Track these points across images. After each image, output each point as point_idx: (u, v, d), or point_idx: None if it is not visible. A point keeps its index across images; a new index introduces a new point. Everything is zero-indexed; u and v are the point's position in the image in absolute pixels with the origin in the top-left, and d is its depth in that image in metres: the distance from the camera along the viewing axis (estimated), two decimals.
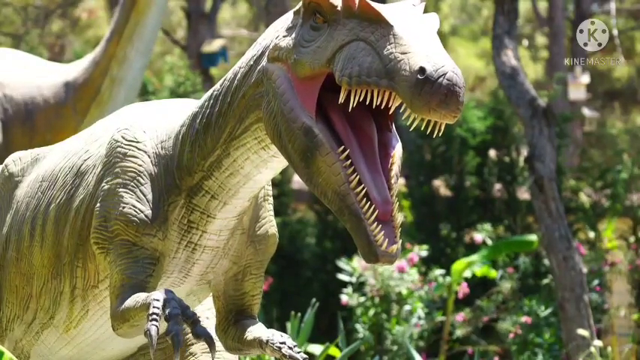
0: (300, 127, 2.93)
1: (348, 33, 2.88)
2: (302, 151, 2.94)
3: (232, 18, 29.74)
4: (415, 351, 8.84)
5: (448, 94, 2.70)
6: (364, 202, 2.88)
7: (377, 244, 2.86)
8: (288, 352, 3.20)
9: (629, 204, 12.47)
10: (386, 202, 2.91)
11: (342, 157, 2.90)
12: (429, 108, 2.71)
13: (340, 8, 2.92)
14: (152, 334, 2.99)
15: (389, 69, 2.77)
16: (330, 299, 11.43)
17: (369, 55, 2.82)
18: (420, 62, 2.72)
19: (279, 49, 3.03)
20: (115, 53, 7.66)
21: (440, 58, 2.74)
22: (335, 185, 2.90)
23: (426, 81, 2.70)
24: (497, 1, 9.56)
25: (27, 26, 24.57)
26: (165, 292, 3.07)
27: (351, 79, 2.82)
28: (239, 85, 3.15)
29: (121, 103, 7.61)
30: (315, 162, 2.92)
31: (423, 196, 12.88)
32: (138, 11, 7.59)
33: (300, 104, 2.95)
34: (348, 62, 2.84)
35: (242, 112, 3.13)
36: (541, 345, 10.17)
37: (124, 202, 3.27)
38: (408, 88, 2.72)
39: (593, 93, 25.68)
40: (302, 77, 2.96)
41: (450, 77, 2.71)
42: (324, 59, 2.90)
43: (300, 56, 2.96)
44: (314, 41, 2.96)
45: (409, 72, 2.72)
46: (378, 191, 2.91)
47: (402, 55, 2.76)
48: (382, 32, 2.82)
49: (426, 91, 2.70)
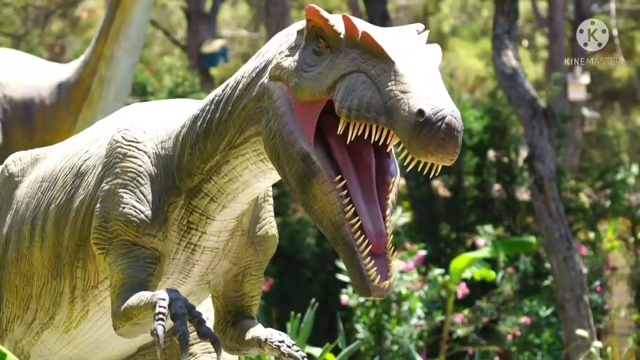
0: (298, 152, 2.92)
1: (350, 63, 2.86)
2: (299, 176, 2.93)
3: (232, 18, 29.73)
4: (415, 351, 8.85)
5: (446, 139, 2.68)
6: (358, 234, 2.87)
7: (369, 278, 2.86)
8: (287, 351, 3.20)
9: (628, 205, 12.48)
10: (380, 234, 2.90)
11: (338, 187, 2.89)
12: (426, 151, 2.69)
13: (343, 36, 2.90)
14: (159, 334, 2.98)
15: (388, 106, 2.74)
16: (329, 299, 11.43)
17: (369, 89, 2.79)
18: (419, 104, 2.70)
19: (281, 68, 3.01)
20: (103, 53, 7.64)
21: (439, 100, 2.71)
22: (330, 214, 2.89)
23: (424, 124, 2.67)
24: (498, 2, 9.56)
25: (27, 26, 24.57)
26: (171, 292, 3.07)
27: (350, 112, 2.80)
28: (240, 95, 3.14)
29: (112, 102, 7.60)
30: (312, 189, 2.91)
31: (423, 196, 12.88)
32: (123, 9, 7.56)
33: (300, 128, 2.94)
34: (348, 94, 2.82)
35: (242, 123, 3.12)
36: (541, 345, 10.18)
37: (124, 202, 3.27)
38: (406, 130, 2.70)
39: (593, 93, 25.68)
40: (302, 101, 2.95)
41: (448, 121, 2.68)
42: (325, 87, 2.89)
43: (301, 80, 2.94)
44: (316, 66, 2.94)
45: (408, 113, 2.70)
46: (373, 223, 2.90)
47: (402, 94, 2.73)
48: (383, 67, 2.80)
49: (424, 135, 2.68)
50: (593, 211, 12.57)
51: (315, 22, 2.95)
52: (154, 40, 26.92)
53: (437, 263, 11.21)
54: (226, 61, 20.31)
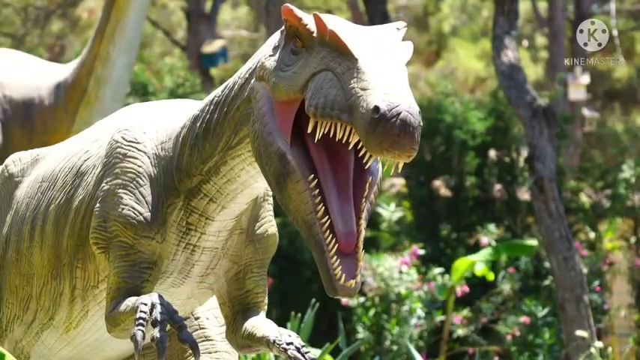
0: (275, 151, 2.93)
1: (320, 62, 2.86)
2: (276, 175, 2.94)
3: (232, 19, 29.73)
4: (415, 351, 8.85)
5: (401, 135, 2.66)
6: (327, 233, 2.87)
7: (335, 277, 2.87)
8: (294, 355, 3.18)
9: (631, 204, 12.47)
10: (350, 234, 2.89)
11: (311, 186, 2.89)
12: (381, 148, 2.68)
13: (316, 35, 2.91)
14: (137, 339, 3.00)
15: (349, 104, 2.74)
16: (330, 299, 11.40)
17: (334, 87, 2.80)
18: (375, 101, 2.68)
19: (264, 68, 3.03)
20: (99, 53, 7.63)
21: (396, 96, 2.69)
22: (303, 214, 2.90)
23: (379, 121, 2.66)
24: (498, 2, 9.57)
25: (27, 27, 24.57)
26: (153, 297, 3.08)
27: (316, 110, 2.81)
28: (235, 96, 3.15)
29: (109, 102, 7.60)
30: (287, 188, 2.92)
31: (423, 196, 12.88)
32: (118, 9, 7.55)
33: (278, 128, 2.94)
34: (316, 92, 2.82)
35: (237, 124, 3.13)
36: (541, 345, 10.18)
37: (123, 203, 3.27)
38: (363, 126, 2.69)
39: (593, 93, 25.68)
40: (280, 101, 2.95)
41: (403, 117, 2.67)
42: (298, 86, 2.89)
43: (278, 80, 2.95)
44: (292, 66, 2.94)
45: (365, 110, 2.69)
46: (344, 223, 2.89)
47: (362, 91, 2.73)
48: (348, 65, 2.80)
49: (379, 131, 2.67)
50: (594, 211, 12.56)
51: (290, 21, 2.96)
52: (154, 41, 26.91)
53: (437, 263, 11.21)
54: (226, 62, 20.31)
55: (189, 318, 3.74)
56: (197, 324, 3.75)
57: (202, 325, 3.75)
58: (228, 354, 3.71)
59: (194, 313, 3.75)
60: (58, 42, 26.04)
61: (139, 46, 7.95)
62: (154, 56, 23.08)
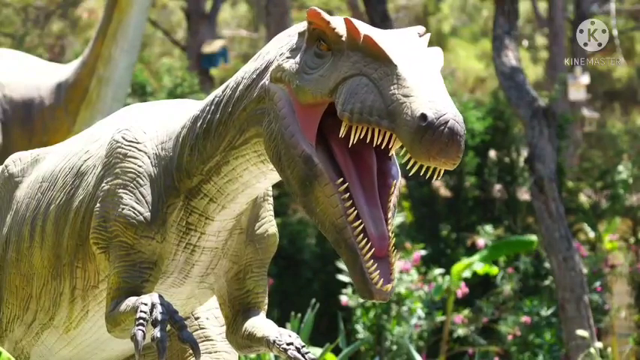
0: (300, 154, 2.92)
1: (352, 66, 2.86)
2: (301, 178, 2.93)
3: (232, 18, 29.73)
4: (415, 351, 8.85)
5: (449, 143, 2.69)
6: (361, 237, 2.87)
7: (372, 282, 2.86)
8: (294, 355, 3.17)
9: (630, 205, 12.47)
10: (383, 237, 2.90)
11: (340, 189, 2.89)
12: (428, 156, 2.70)
13: (345, 39, 2.90)
14: (138, 339, 3.00)
15: (390, 110, 2.74)
16: (330, 300, 11.42)
17: (371, 92, 2.79)
18: (421, 108, 2.70)
19: (282, 70, 3.01)
20: (101, 53, 7.64)
21: (442, 104, 2.72)
22: (332, 217, 2.89)
23: (427, 128, 2.68)
24: (498, 2, 9.57)
25: (27, 27, 24.57)
26: (154, 297, 3.08)
27: (352, 116, 2.80)
28: (240, 96, 3.13)
29: (110, 102, 7.61)
30: (314, 191, 2.91)
31: (423, 196, 12.88)
32: (120, 10, 7.56)
33: (301, 130, 2.94)
34: (350, 97, 2.82)
35: (242, 124, 3.12)
36: (541, 345, 10.18)
37: (123, 203, 3.27)
38: (408, 134, 2.70)
39: (593, 93, 25.68)
40: (304, 104, 2.95)
41: (451, 125, 2.69)
42: (327, 89, 2.88)
43: (302, 83, 2.94)
44: (317, 69, 2.94)
45: (411, 117, 2.70)
46: (375, 226, 2.90)
47: (405, 97, 2.73)
48: (385, 71, 2.80)
49: (426, 139, 2.68)
50: (593, 211, 12.57)
51: (316, 24, 2.95)
52: (153, 41, 26.92)
53: (437, 263, 11.21)
54: (226, 62, 20.31)
55: (190, 318, 3.74)
56: (197, 324, 3.75)
57: (202, 325, 3.75)
58: (228, 354, 3.71)
59: (194, 313, 3.75)
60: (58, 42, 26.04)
61: (140, 47, 7.96)
62: (153, 56, 23.08)
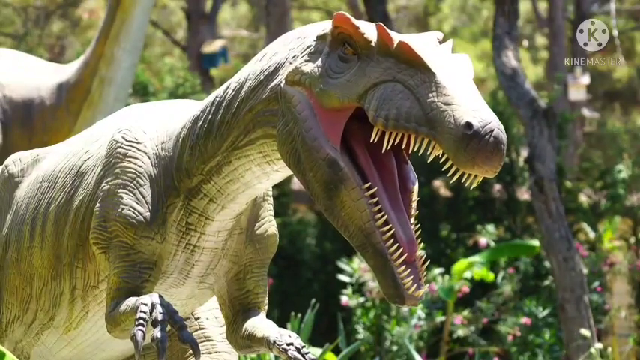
0: (324, 158, 2.90)
1: (383, 72, 2.84)
2: (325, 182, 2.91)
3: (232, 18, 29.74)
4: (415, 351, 8.85)
5: (494, 152, 2.71)
6: (391, 242, 2.86)
7: (404, 287, 2.85)
8: (294, 355, 3.17)
9: (630, 204, 12.47)
10: (411, 242, 2.90)
11: (367, 194, 2.87)
12: (473, 164, 2.71)
13: (375, 44, 2.88)
14: (138, 339, 3.00)
15: (430, 117, 2.74)
16: (330, 300, 11.43)
17: (407, 99, 2.78)
18: (466, 117, 2.70)
19: (302, 73, 2.99)
20: (103, 53, 7.64)
21: (486, 113, 2.72)
22: (360, 222, 2.87)
23: (473, 137, 2.68)
24: (498, 2, 9.57)
25: (27, 27, 24.57)
26: (154, 297, 3.08)
27: (387, 122, 2.79)
28: (245, 97, 3.12)
29: (112, 103, 7.60)
30: (340, 196, 2.89)
31: (423, 196, 12.87)
32: (123, 10, 7.56)
33: (324, 134, 2.92)
34: (383, 103, 2.80)
35: (248, 125, 3.10)
36: (541, 346, 10.18)
37: (123, 203, 3.27)
38: (452, 142, 2.70)
39: (593, 93, 25.69)
40: (328, 108, 2.93)
41: (496, 135, 2.70)
42: (355, 94, 2.86)
43: (327, 87, 2.92)
44: (343, 73, 2.92)
45: (454, 125, 2.70)
46: (403, 231, 2.90)
47: (446, 105, 2.73)
48: (422, 78, 2.79)
49: (472, 147, 2.69)
50: (593, 211, 12.56)
51: (343, 29, 2.93)
52: (154, 41, 26.93)
53: (437, 263, 11.21)
54: (226, 62, 20.31)
55: (190, 318, 3.74)
56: (197, 324, 3.75)
57: (202, 325, 3.75)
58: (228, 354, 3.71)
59: (194, 313, 3.75)
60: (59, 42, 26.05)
61: (142, 47, 7.96)
62: (154, 56, 23.08)
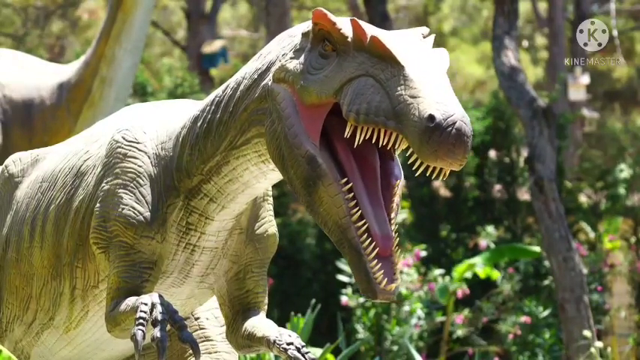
0: (303, 154, 2.93)
1: (358, 67, 2.86)
2: (304, 178, 2.93)
3: (232, 18, 29.75)
4: (416, 351, 8.85)
5: (456, 144, 2.70)
6: (365, 237, 2.88)
7: (376, 281, 2.86)
8: (294, 355, 3.18)
9: (630, 204, 12.47)
10: (387, 237, 2.91)
11: (344, 189, 2.89)
12: (436, 156, 2.71)
13: (350, 40, 2.90)
14: (138, 339, 3.00)
15: (397, 111, 2.75)
16: (330, 300, 11.43)
17: (378, 93, 2.80)
18: (429, 109, 2.70)
19: (286, 70, 3.01)
20: (104, 53, 7.63)
21: (450, 106, 2.72)
22: (336, 217, 2.89)
23: (434, 129, 2.68)
24: (498, 2, 9.57)
25: (27, 27, 24.58)
26: (154, 297, 3.08)
27: (358, 116, 2.81)
28: (241, 96, 3.13)
29: (113, 103, 7.60)
30: (317, 191, 2.92)
31: (423, 196, 12.88)
32: (124, 10, 7.56)
33: (305, 131, 2.94)
34: (356, 97, 2.82)
35: (243, 124, 3.12)
36: (541, 346, 10.18)
37: (123, 203, 3.27)
38: (416, 134, 2.71)
39: (593, 94, 25.69)
40: (308, 104, 2.95)
41: (459, 126, 2.70)
42: (332, 90, 2.89)
43: (307, 83, 2.94)
44: (322, 69, 2.94)
45: (418, 118, 2.71)
46: (379, 226, 2.91)
47: (412, 98, 2.74)
48: (392, 72, 2.80)
49: (434, 140, 2.69)
50: (593, 211, 12.57)
51: (322, 25, 2.95)
52: (154, 41, 26.94)
53: (437, 264, 11.21)
54: (226, 62, 20.31)
55: (190, 318, 3.74)
56: (197, 324, 3.75)
57: (202, 325, 3.75)
58: (228, 354, 3.71)
59: (194, 313, 3.75)
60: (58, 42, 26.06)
61: (143, 47, 7.96)
62: (153, 56, 23.09)
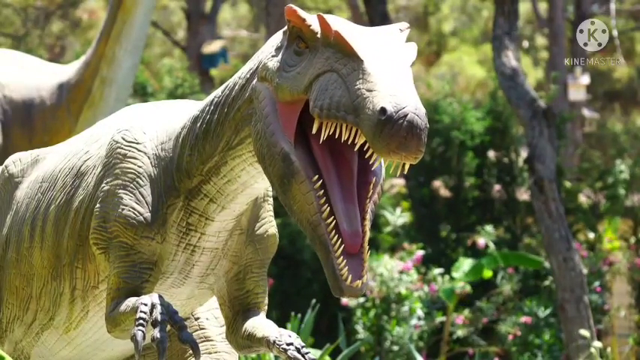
0: (279, 152, 2.93)
1: (324, 62, 2.87)
2: (280, 176, 2.94)
3: (232, 19, 29.75)
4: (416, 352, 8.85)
5: (408, 137, 2.67)
6: (333, 233, 2.87)
7: (342, 278, 2.86)
8: (294, 355, 3.18)
9: (630, 204, 12.47)
10: (355, 234, 2.90)
11: (316, 186, 2.89)
12: (388, 150, 2.69)
13: (320, 36, 2.90)
14: (138, 340, 3.00)
15: (355, 105, 2.74)
16: (330, 300, 11.42)
17: (339, 88, 2.80)
18: (381, 102, 2.69)
19: (267, 69, 3.03)
20: (104, 53, 7.64)
21: (403, 98, 2.70)
22: (307, 214, 2.90)
23: (386, 122, 2.67)
24: (498, 2, 9.57)
25: (27, 27, 24.58)
26: (154, 297, 3.08)
27: (322, 112, 2.81)
28: (235, 97, 3.15)
29: (113, 103, 7.60)
30: (291, 189, 2.92)
31: (423, 197, 12.89)
32: (124, 10, 7.56)
33: (281, 128, 2.95)
34: (320, 93, 2.82)
35: (237, 124, 3.13)
36: (541, 346, 10.18)
37: (123, 203, 3.27)
38: (370, 128, 2.70)
39: (593, 94, 25.69)
40: (283, 101, 2.95)
41: (410, 119, 2.67)
42: (302, 86, 2.89)
43: (281, 80, 2.95)
44: (296, 66, 2.95)
45: (372, 111, 2.70)
46: (349, 223, 2.90)
47: (368, 92, 2.73)
48: (353, 66, 2.80)
49: (385, 133, 2.67)
50: (593, 211, 12.57)
51: (294, 22, 2.96)
52: (154, 41, 26.93)
53: (437, 263, 11.22)
54: (226, 62, 20.31)
55: (190, 318, 3.74)
56: (197, 324, 3.75)
57: (202, 325, 3.75)
58: (228, 354, 3.71)
59: (194, 313, 3.75)
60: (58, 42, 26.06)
61: (143, 48, 7.96)
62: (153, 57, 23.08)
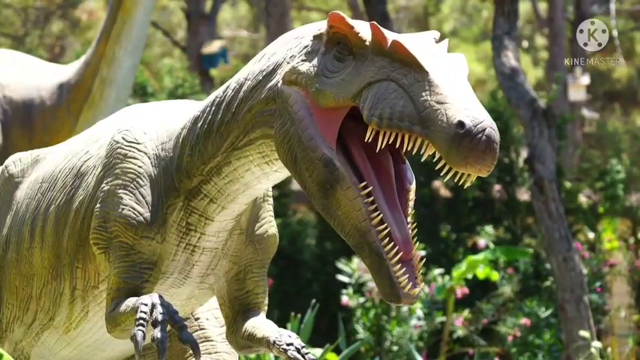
0: (320, 157, 2.91)
1: (378, 71, 2.84)
2: (321, 181, 2.92)
3: (232, 19, 29.74)
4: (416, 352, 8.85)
5: (486, 151, 2.69)
6: (387, 241, 2.86)
7: (400, 285, 2.85)
8: (294, 355, 3.18)
9: (629, 205, 12.47)
10: (407, 241, 2.89)
11: (363, 193, 2.88)
12: (466, 163, 2.69)
13: (369, 43, 2.89)
14: (138, 340, 3.00)
15: (423, 116, 2.74)
16: (330, 300, 11.43)
17: (401, 98, 2.78)
18: (458, 115, 2.69)
19: (298, 73, 2.99)
20: (104, 53, 7.64)
21: (478, 112, 2.72)
22: (355, 221, 2.88)
23: (465, 136, 2.67)
24: (498, 2, 9.57)
25: (27, 27, 24.58)
26: (154, 297, 3.08)
27: (381, 121, 2.79)
28: (245, 97, 3.12)
29: (113, 103, 7.60)
30: (335, 195, 2.90)
31: (423, 197, 12.89)
32: (124, 11, 7.56)
33: (320, 133, 2.93)
34: (378, 102, 2.80)
35: (247, 125, 3.11)
36: (541, 346, 10.18)
37: (123, 203, 3.27)
38: (444, 141, 2.69)
39: (593, 94, 25.69)
40: (324, 107, 2.93)
41: (488, 133, 2.69)
42: (350, 93, 2.87)
43: (323, 86, 2.93)
44: (338, 73, 2.92)
45: (447, 124, 2.70)
46: (399, 230, 2.89)
47: (439, 104, 2.73)
48: (416, 77, 2.79)
49: (464, 146, 2.68)
50: (593, 211, 12.57)
51: (338, 28, 2.94)
52: (154, 41, 26.94)
53: (437, 264, 11.22)
54: (226, 62, 20.31)
55: (190, 318, 3.74)
56: (197, 324, 3.75)
57: (202, 325, 3.75)
58: (228, 355, 3.71)
59: (194, 313, 3.75)
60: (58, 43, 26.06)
61: (143, 48, 7.96)
62: (153, 57, 23.09)
